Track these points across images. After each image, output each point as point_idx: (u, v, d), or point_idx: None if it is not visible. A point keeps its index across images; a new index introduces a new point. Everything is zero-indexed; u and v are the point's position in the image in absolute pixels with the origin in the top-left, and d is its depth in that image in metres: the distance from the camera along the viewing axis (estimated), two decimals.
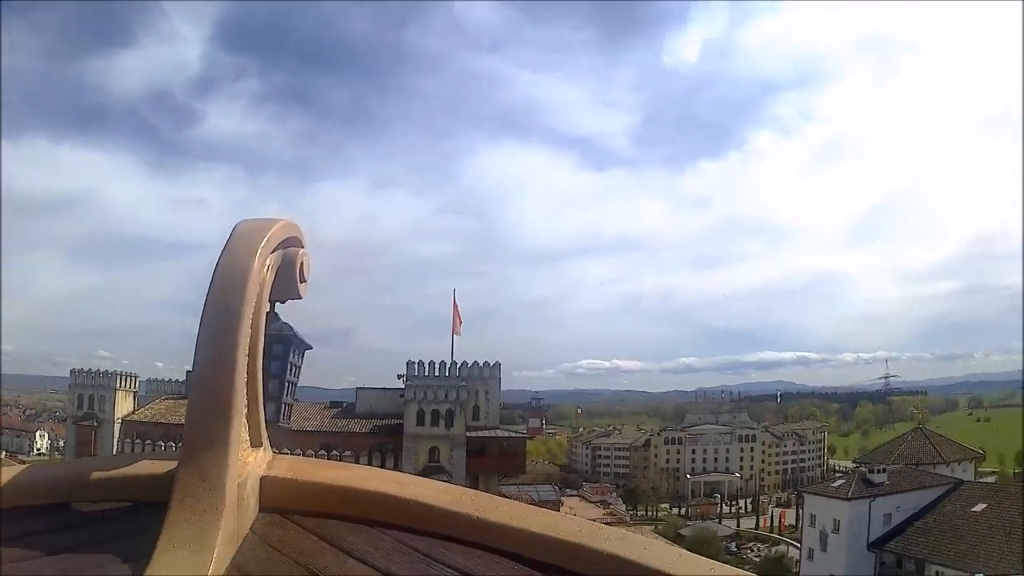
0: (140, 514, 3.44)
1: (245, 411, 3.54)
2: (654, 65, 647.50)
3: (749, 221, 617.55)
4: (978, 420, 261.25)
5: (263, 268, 3.62)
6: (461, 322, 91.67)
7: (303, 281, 4.09)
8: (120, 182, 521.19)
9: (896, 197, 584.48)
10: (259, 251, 3.57)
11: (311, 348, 4.76)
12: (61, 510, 3.60)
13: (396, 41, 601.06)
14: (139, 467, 3.69)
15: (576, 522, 3.53)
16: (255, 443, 3.71)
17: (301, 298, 4.15)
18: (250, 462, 3.57)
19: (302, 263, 4.05)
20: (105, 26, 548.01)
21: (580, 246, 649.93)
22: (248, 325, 3.48)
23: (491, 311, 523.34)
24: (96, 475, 3.68)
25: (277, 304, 4.20)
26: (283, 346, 4.46)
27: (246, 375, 3.49)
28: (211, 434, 3.32)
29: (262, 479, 3.63)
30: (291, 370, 4.59)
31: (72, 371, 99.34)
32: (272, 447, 3.90)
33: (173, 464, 3.41)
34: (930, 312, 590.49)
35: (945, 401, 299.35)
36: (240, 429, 3.44)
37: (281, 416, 4.54)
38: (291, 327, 4.46)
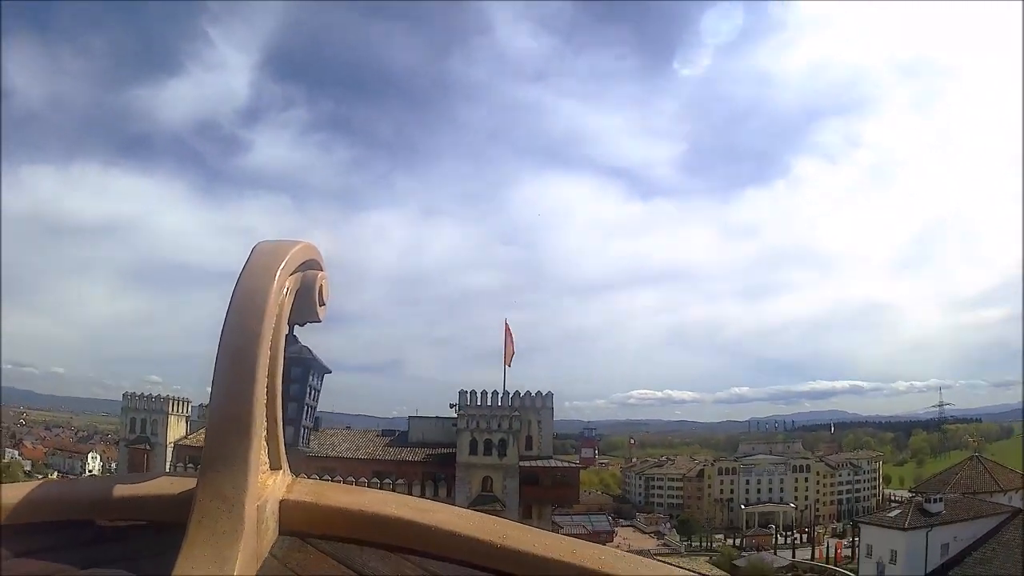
0: (159, 534, 3.43)
1: (264, 433, 3.52)
2: (698, 93, 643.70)
3: (797, 250, 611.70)
4: None
5: (282, 290, 3.60)
6: (514, 352, 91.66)
7: (322, 304, 4.07)
8: (169, 209, 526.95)
9: (944, 222, 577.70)
10: (278, 273, 3.55)
11: (330, 372, 4.72)
12: (82, 527, 3.60)
13: (441, 71, 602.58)
14: (159, 486, 3.68)
15: (604, 551, 3.48)
16: (274, 466, 3.70)
17: (320, 321, 4.11)
18: (269, 485, 3.55)
19: (321, 286, 4.02)
20: (153, 54, 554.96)
21: (627, 276, 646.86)
22: (267, 347, 3.46)
23: (541, 341, 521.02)
24: (117, 493, 3.68)
25: (297, 327, 4.19)
26: (302, 369, 4.42)
27: (265, 397, 3.47)
28: (230, 456, 3.31)
29: (281, 502, 3.61)
30: (310, 393, 4.56)
31: (125, 395, 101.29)
32: (291, 470, 3.88)
33: (193, 483, 3.40)
34: (982, 338, 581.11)
35: (1000, 428, 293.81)
36: (259, 451, 3.42)
37: (300, 440, 4.51)
38: (310, 350, 4.43)
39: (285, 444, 3.84)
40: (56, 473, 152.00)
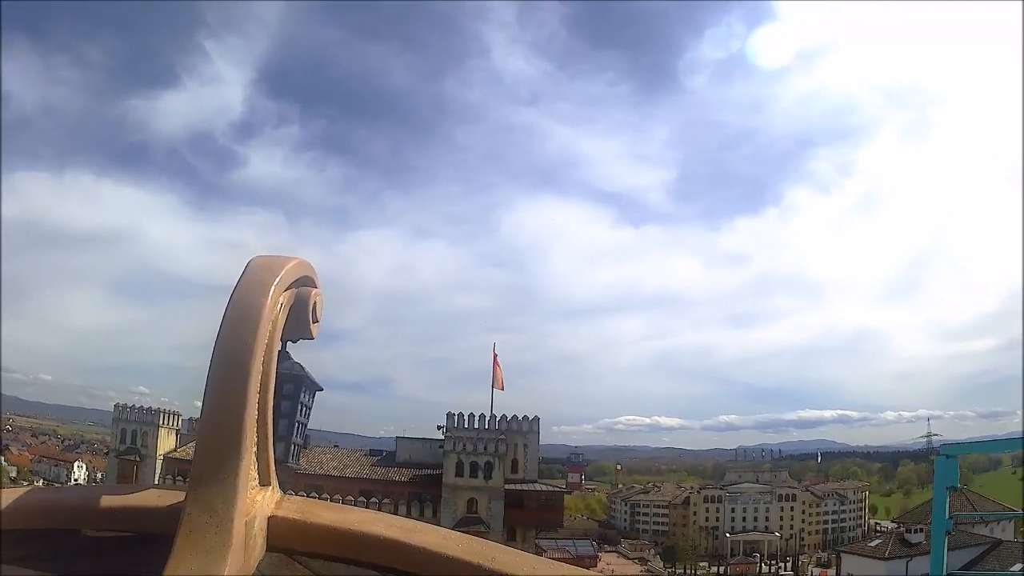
0: (145, 546, 3.40)
1: (254, 449, 3.50)
2: (690, 120, 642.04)
3: (787, 278, 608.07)
4: (1022, 478, 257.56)
5: (276, 306, 3.57)
6: (502, 375, 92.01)
7: (315, 321, 4.02)
8: (161, 221, 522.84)
9: (934, 251, 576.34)
10: (272, 288, 3.51)
11: (322, 389, 4.68)
12: (68, 536, 3.57)
13: (436, 92, 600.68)
14: (147, 498, 3.63)
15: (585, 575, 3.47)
16: (264, 482, 3.65)
17: (313, 338, 4.06)
18: (258, 501, 3.52)
19: (315, 303, 3.98)
20: (150, 66, 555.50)
21: (617, 301, 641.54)
22: (259, 362, 3.43)
23: (529, 365, 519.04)
24: (104, 503, 3.65)
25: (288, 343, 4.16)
26: (294, 386, 4.39)
27: (256, 412, 3.45)
28: (220, 470, 3.27)
29: (270, 519, 3.58)
30: (301, 410, 4.53)
31: (116, 406, 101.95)
32: (280, 487, 3.85)
33: (181, 496, 3.37)
34: (971, 368, 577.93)
35: (988, 459, 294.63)
36: (249, 467, 3.39)
37: (291, 456, 4.48)
38: (302, 367, 4.40)
39: (275, 460, 3.81)
40: (42, 481, 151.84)
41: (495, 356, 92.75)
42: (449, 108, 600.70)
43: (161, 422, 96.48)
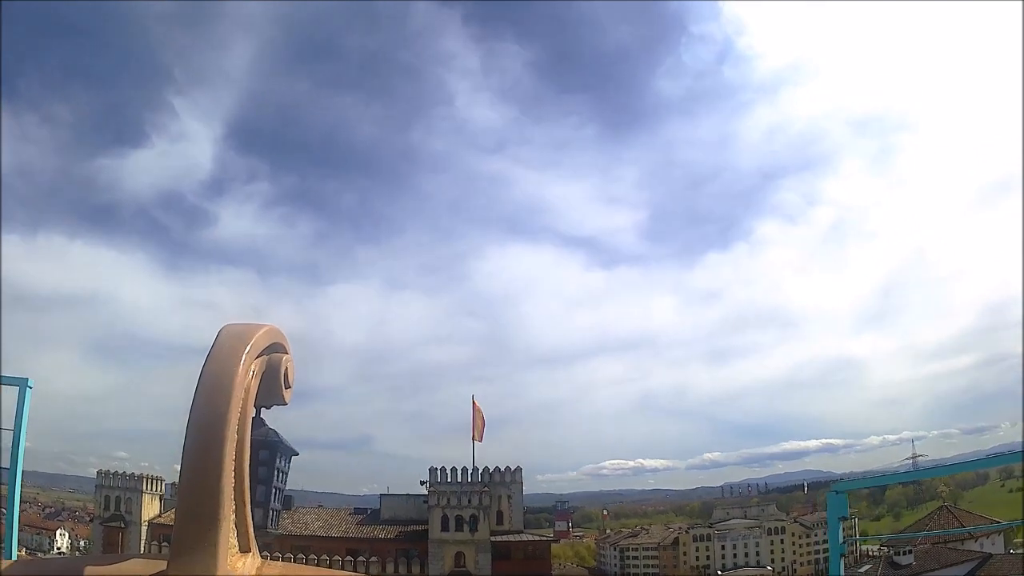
0: None
1: (233, 516, 3.53)
2: (658, 159, 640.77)
3: (761, 311, 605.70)
4: (1011, 491, 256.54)
5: (247, 374, 3.61)
6: (484, 425, 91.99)
7: (288, 387, 4.07)
8: (133, 282, 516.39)
9: (905, 274, 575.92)
10: (243, 357, 3.56)
11: (297, 454, 4.75)
12: None
13: (402, 142, 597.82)
14: (129, 568, 3.64)
15: None
16: (243, 548, 3.67)
17: (286, 404, 4.11)
18: (239, 567, 3.53)
19: (286, 369, 4.02)
20: (119, 124, 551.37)
21: (593, 345, 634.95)
22: (234, 430, 3.45)
23: (509, 414, 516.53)
24: (88, 574, 3.66)
25: (263, 410, 4.21)
26: (269, 452, 4.46)
27: (233, 480, 3.49)
28: (199, 539, 3.30)
29: None
30: (278, 476, 4.58)
31: (99, 472, 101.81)
32: (261, 552, 3.87)
33: (163, 565, 3.38)
34: (952, 386, 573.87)
35: (976, 475, 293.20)
36: (228, 534, 3.42)
37: (269, 522, 4.53)
38: (277, 433, 4.45)
39: (254, 526, 3.85)
40: (24, 550, 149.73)
41: (474, 407, 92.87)
42: (416, 158, 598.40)
43: (144, 487, 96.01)
